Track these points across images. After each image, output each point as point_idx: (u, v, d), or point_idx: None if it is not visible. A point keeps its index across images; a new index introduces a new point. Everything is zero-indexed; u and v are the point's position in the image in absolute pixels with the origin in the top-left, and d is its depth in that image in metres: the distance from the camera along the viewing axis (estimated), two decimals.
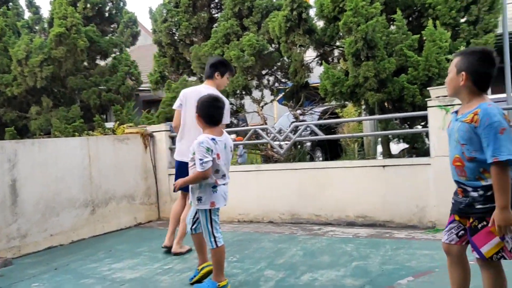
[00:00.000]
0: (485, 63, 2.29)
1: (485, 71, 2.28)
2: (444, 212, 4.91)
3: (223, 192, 3.34)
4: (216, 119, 3.35)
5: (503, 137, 2.14)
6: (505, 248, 2.23)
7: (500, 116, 2.17)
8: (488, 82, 2.30)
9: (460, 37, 5.86)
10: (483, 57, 2.29)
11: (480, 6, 5.69)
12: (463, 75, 2.30)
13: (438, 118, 4.96)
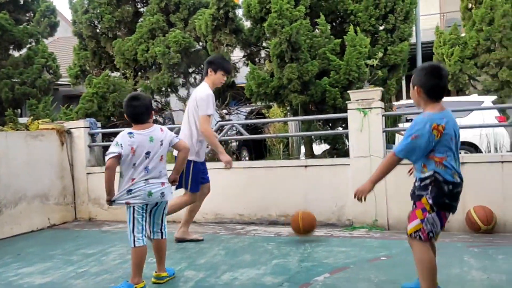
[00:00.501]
0: (432, 76, 2.63)
1: (433, 83, 2.62)
2: (360, 211, 5.17)
3: (143, 189, 3.22)
4: (134, 117, 3.29)
5: (410, 141, 2.56)
6: (422, 229, 2.64)
7: (421, 126, 2.54)
8: (438, 91, 2.64)
9: (379, 43, 6.17)
10: (431, 72, 2.64)
11: (396, 16, 6.03)
12: (417, 88, 2.66)
13: (357, 121, 5.17)
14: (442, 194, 2.59)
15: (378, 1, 5.93)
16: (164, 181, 3.34)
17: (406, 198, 4.91)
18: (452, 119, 2.64)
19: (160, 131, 3.34)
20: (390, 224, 5.09)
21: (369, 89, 5.23)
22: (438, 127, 2.55)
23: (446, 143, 2.59)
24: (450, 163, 2.60)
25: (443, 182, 2.59)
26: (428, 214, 2.61)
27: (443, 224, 2.67)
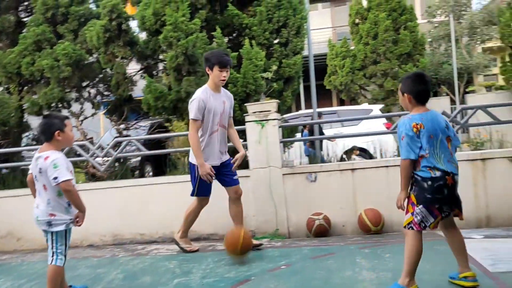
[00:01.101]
0: (418, 83, 2.98)
1: (420, 88, 2.97)
2: (262, 221, 5.26)
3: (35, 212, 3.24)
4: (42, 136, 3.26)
5: (402, 142, 2.91)
6: (413, 221, 2.93)
7: (404, 127, 2.89)
8: (424, 95, 2.98)
9: (274, 56, 6.37)
10: (416, 79, 2.99)
11: (289, 30, 6.27)
12: (406, 95, 2.98)
13: (255, 133, 5.27)
14: (423, 190, 2.89)
15: (271, 16, 6.13)
16: (52, 212, 3.17)
17: (304, 206, 5.15)
18: (433, 119, 2.94)
19: (44, 160, 3.16)
20: (291, 232, 5.23)
21: (265, 101, 5.36)
22: (417, 126, 2.88)
23: (426, 140, 2.88)
24: (429, 159, 2.89)
25: (421, 180, 2.90)
26: (416, 207, 2.91)
27: (434, 214, 2.92)
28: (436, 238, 4.42)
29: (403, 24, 14.22)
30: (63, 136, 3.22)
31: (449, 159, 2.93)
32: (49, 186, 3.16)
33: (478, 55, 16.47)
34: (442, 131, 2.93)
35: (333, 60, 15.32)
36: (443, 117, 3.05)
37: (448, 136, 2.96)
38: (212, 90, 4.27)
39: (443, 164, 2.89)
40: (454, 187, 2.93)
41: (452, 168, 2.92)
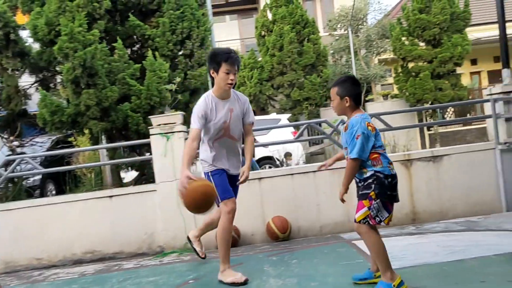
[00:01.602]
0: (355, 85, 3.06)
1: (358, 91, 3.05)
2: (171, 235, 5.14)
3: None
4: None
5: (356, 142, 2.88)
6: (370, 215, 2.91)
7: (359, 125, 2.89)
8: (360, 98, 3.06)
9: (179, 68, 6.29)
10: (353, 82, 3.07)
11: (193, 42, 6.25)
12: (347, 99, 2.99)
13: (160, 145, 5.15)
14: (384, 188, 2.90)
15: (175, 27, 6.07)
16: None
17: None
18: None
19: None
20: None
21: (170, 113, 5.27)
22: (370, 124, 2.94)
23: (379, 138, 2.95)
24: (386, 156, 2.95)
25: (383, 178, 2.90)
26: (374, 201, 2.90)
27: (389, 210, 2.94)
28: (338, 241, 4.63)
29: (306, 36, 14.91)
30: None
31: None
32: None
33: (375, 66, 17.73)
34: None
35: (242, 71, 15.58)
36: None
37: None
38: (217, 97, 3.61)
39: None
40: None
41: None
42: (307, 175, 5.19)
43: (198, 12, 6.24)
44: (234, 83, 3.57)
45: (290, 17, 14.72)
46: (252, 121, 3.81)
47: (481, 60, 19.77)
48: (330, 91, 3.14)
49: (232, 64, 3.51)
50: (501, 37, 5.18)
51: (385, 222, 2.93)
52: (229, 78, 3.52)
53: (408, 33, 15.17)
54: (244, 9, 22.22)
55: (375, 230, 2.98)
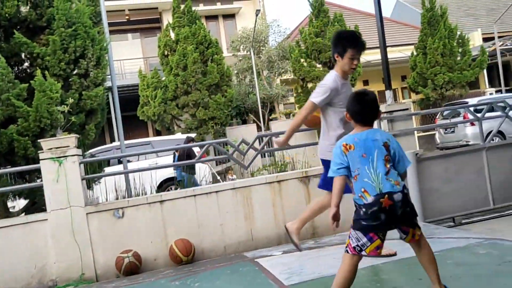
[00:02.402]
0: (356, 102, 2.86)
1: (356, 108, 2.85)
2: (65, 267, 4.78)
3: None
4: None
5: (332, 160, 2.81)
6: (349, 244, 2.75)
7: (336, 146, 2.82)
8: (361, 115, 2.83)
9: (73, 88, 5.96)
10: (354, 98, 2.89)
11: (88, 61, 5.98)
12: (345, 114, 2.93)
13: (52, 171, 4.81)
14: (358, 217, 2.71)
15: (67, 46, 5.76)
16: None
17: (112, 245, 4.87)
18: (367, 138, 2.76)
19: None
20: (99, 274, 4.87)
21: (62, 136, 4.95)
22: (347, 146, 2.77)
23: (357, 160, 2.72)
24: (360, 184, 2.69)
25: (358, 207, 2.73)
26: (352, 230, 2.74)
27: (371, 238, 2.68)
28: (242, 260, 4.65)
29: (210, 56, 15.05)
30: None
31: (387, 178, 2.67)
32: None
33: (277, 86, 18.41)
34: (379, 149, 2.72)
35: (145, 90, 15.26)
36: (386, 135, 2.83)
37: (387, 154, 2.73)
38: (341, 77, 3.66)
39: (378, 184, 2.65)
40: (393, 208, 2.63)
41: (389, 187, 2.65)
42: (210, 196, 5.18)
43: (92, 30, 5.99)
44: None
45: (193, 37, 14.78)
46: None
47: (371, 81, 21.50)
48: None
49: (358, 51, 3.56)
50: (383, 61, 5.67)
51: (366, 251, 2.69)
52: (353, 63, 3.58)
53: (306, 55, 16.05)
54: (146, 28, 21.89)
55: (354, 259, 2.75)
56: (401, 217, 2.66)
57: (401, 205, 2.64)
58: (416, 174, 5.24)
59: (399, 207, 2.63)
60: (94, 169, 6.21)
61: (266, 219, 5.24)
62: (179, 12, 15.27)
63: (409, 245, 2.83)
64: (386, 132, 2.89)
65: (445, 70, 17.12)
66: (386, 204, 2.62)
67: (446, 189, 5.40)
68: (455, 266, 3.44)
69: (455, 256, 3.66)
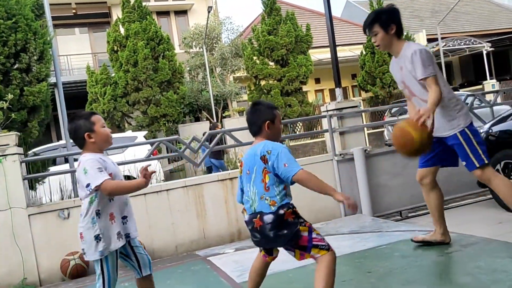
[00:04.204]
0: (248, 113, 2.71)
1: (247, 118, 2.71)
2: (5, 272, 4.52)
3: None
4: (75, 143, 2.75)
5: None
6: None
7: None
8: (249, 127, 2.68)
9: (13, 83, 5.65)
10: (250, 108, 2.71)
11: (30, 55, 5.69)
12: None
13: None
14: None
15: (7, 39, 5.45)
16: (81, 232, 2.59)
17: (58, 247, 4.66)
18: (251, 152, 2.58)
19: (78, 165, 2.64)
20: (42, 278, 4.66)
21: (2, 134, 4.68)
22: (241, 165, 2.66)
23: (244, 178, 2.61)
24: (243, 201, 2.64)
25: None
26: None
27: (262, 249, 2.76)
28: (194, 259, 4.59)
29: (161, 53, 14.77)
30: (96, 136, 2.65)
31: (262, 195, 2.50)
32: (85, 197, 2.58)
33: (230, 83, 18.35)
34: (258, 164, 2.52)
35: (94, 87, 14.77)
36: (267, 146, 2.53)
37: (265, 167, 2.50)
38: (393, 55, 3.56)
39: (253, 203, 2.52)
40: (263, 229, 2.48)
41: (262, 207, 2.48)
42: (160, 194, 5.07)
43: (35, 23, 5.70)
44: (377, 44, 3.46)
45: (144, 32, 14.44)
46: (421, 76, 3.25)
47: (323, 79, 21.90)
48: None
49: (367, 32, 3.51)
50: (332, 59, 5.76)
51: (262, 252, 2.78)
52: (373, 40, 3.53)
53: (259, 53, 16.09)
54: (95, 22, 21.16)
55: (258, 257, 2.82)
56: (274, 238, 2.50)
57: (272, 227, 2.46)
58: (365, 170, 5.38)
59: (268, 229, 2.47)
60: (38, 169, 5.92)
61: (218, 217, 5.20)
62: (129, 7, 14.86)
63: None
64: (272, 143, 2.55)
65: None
66: (257, 225, 2.49)
67: (394, 184, 5.57)
68: (401, 258, 3.55)
69: (401, 249, 3.78)
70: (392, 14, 3.42)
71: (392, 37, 3.40)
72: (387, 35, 3.39)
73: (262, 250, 2.77)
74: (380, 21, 3.38)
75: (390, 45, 3.44)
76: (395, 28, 3.38)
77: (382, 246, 3.93)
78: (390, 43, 3.43)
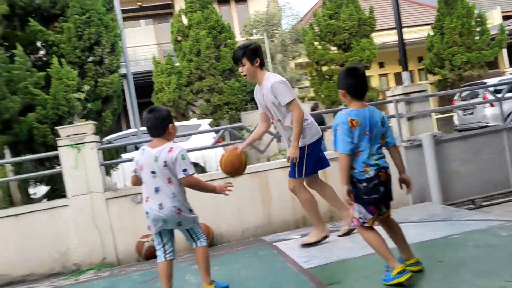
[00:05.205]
0: (349, 77, 2.93)
1: (351, 82, 2.92)
2: (87, 252, 4.87)
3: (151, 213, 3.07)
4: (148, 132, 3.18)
5: (337, 135, 2.86)
6: (354, 217, 2.92)
7: (340, 119, 2.86)
8: (357, 89, 2.92)
9: (88, 75, 6.00)
10: (347, 73, 2.95)
11: (102, 48, 5.99)
12: (341, 91, 2.96)
13: (70, 157, 4.88)
14: (358, 192, 2.85)
15: (81, 33, 5.78)
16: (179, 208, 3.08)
17: (132, 230, 4.94)
18: (370, 115, 2.89)
19: (168, 151, 3.03)
20: (120, 259, 4.96)
21: (80, 123, 5.00)
22: (353, 122, 2.84)
23: (361, 137, 2.84)
24: (361, 159, 2.84)
25: (357, 182, 2.85)
26: (355, 204, 2.88)
27: (371, 211, 2.88)
28: (260, 244, 4.68)
29: (223, 41, 14.94)
30: (174, 129, 3.15)
31: (381, 156, 2.91)
32: (174, 179, 3.03)
33: (291, 70, 18.26)
34: (378, 128, 2.90)
35: (159, 77, 15.26)
36: (380, 113, 2.98)
37: (383, 133, 2.93)
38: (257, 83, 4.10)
39: (375, 160, 2.86)
40: (388, 181, 2.90)
41: (384, 163, 2.90)
42: (226, 180, 5.18)
43: (106, 17, 5.99)
44: (244, 74, 3.97)
45: (205, 22, 14.67)
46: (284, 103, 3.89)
47: (387, 63, 21.17)
48: None
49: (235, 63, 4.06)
50: (399, 42, 5.56)
51: (368, 223, 2.89)
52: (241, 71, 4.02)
53: (320, 38, 15.83)
54: (159, 14, 21.81)
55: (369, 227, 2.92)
56: (390, 191, 2.93)
57: (390, 179, 2.92)
58: (434, 157, 5.18)
59: (390, 181, 2.92)
60: (112, 156, 6.27)
61: (283, 203, 5.24)
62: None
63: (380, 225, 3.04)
64: (378, 110, 3.00)
65: (463, 50, 16.75)
66: (383, 178, 2.86)
67: (465, 171, 5.33)
68: (475, 248, 3.41)
69: (475, 238, 3.63)
70: (257, 49, 3.95)
71: (256, 68, 3.93)
72: (252, 67, 3.91)
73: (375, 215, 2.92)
74: (247, 55, 3.89)
75: (255, 76, 3.97)
76: (259, 61, 3.92)
77: (454, 236, 3.79)
78: (255, 74, 3.95)
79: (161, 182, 3.04)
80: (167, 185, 3.04)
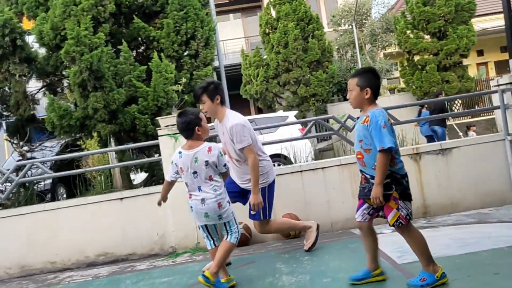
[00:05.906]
0: (376, 77, 2.98)
1: (378, 83, 2.98)
2: (182, 236, 5.15)
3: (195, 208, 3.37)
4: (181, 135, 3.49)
5: (383, 131, 2.83)
6: (400, 216, 2.90)
7: (383, 116, 2.87)
8: (378, 91, 2.99)
9: (184, 69, 6.31)
10: (374, 73, 3.00)
11: (198, 42, 6.26)
12: (367, 90, 2.91)
13: (169, 146, 5.16)
14: (404, 188, 2.92)
15: (179, 28, 6.08)
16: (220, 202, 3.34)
17: None
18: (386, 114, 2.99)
19: (208, 151, 3.33)
20: None
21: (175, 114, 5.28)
22: (390, 120, 2.92)
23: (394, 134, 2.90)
24: (399, 155, 2.93)
25: (401, 178, 2.90)
26: (400, 201, 2.90)
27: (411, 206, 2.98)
28: (350, 237, 4.62)
29: (311, 33, 14.85)
30: (202, 130, 3.37)
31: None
32: (215, 175, 3.35)
33: (380, 60, 17.65)
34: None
35: (247, 69, 15.58)
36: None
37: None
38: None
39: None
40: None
41: None
42: (316, 172, 5.19)
43: (201, 12, 6.25)
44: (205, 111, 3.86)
45: (294, 14, 14.68)
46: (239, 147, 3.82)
47: (487, 50, 19.60)
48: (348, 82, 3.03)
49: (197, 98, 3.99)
50: (507, 26, 5.13)
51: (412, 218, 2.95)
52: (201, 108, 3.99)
53: (412, 26, 15.08)
54: (247, 7, 22.19)
55: (411, 225, 2.98)
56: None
57: None
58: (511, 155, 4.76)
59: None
60: None
61: None
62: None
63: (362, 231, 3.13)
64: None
65: None
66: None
67: None
68: None
69: None
70: (217, 87, 3.87)
71: (217, 106, 3.85)
72: (213, 104, 3.82)
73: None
74: (207, 92, 3.79)
75: (215, 113, 3.89)
76: (219, 99, 3.84)
77: None
78: (215, 111, 3.87)
79: (202, 180, 3.32)
80: (209, 182, 3.33)
